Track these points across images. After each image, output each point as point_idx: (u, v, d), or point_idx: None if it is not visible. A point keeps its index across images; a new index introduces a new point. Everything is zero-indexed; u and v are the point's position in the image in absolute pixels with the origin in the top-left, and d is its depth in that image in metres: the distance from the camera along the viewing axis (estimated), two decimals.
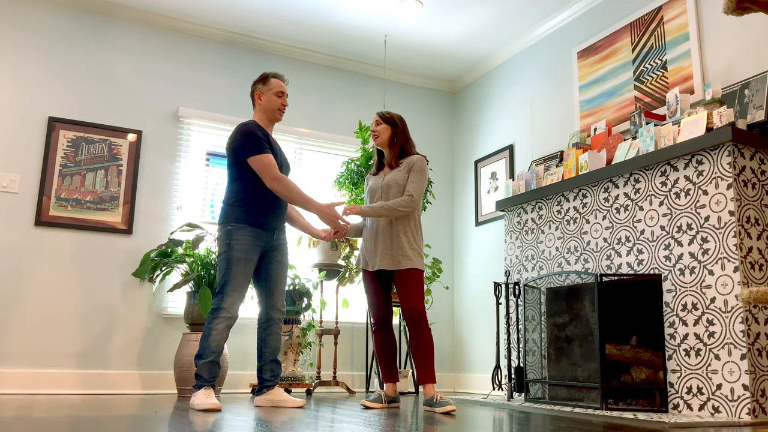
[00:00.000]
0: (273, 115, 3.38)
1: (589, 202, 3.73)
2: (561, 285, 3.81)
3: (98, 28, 4.64)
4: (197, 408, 2.95)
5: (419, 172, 3.34)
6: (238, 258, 3.13)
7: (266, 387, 3.27)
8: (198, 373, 3.07)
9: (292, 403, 3.22)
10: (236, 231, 3.15)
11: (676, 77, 3.74)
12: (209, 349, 3.07)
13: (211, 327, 3.08)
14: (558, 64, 4.72)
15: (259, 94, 3.37)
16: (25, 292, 4.14)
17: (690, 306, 3.07)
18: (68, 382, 4.14)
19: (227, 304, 3.09)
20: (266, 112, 3.37)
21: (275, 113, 3.38)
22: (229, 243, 3.14)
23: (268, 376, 3.28)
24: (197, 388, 3.06)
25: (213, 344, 3.07)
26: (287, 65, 5.24)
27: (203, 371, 3.06)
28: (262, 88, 3.38)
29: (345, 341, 5.02)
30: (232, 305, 3.11)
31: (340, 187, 4.63)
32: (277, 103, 3.37)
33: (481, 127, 5.50)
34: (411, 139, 3.52)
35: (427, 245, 4.14)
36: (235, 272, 3.11)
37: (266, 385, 3.28)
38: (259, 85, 3.39)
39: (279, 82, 3.38)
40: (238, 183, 3.25)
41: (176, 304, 4.53)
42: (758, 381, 2.79)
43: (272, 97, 3.36)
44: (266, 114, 3.38)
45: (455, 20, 4.81)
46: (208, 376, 3.07)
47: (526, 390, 3.75)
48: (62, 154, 4.37)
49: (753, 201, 2.99)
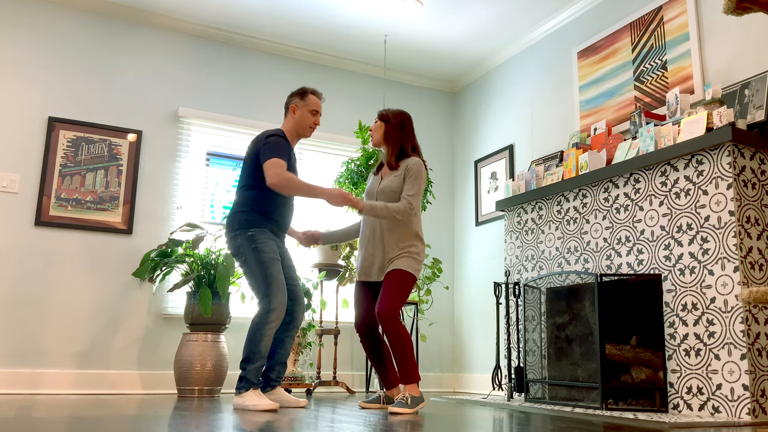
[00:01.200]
0: (303, 132, 3.41)
1: (589, 202, 3.73)
2: (561, 285, 3.81)
3: (98, 28, 4.64)
4: (254, 409, 2.97)
5: (415, 178, 3.18)
6: (271, 258, 3.14)
7: (270, 386, 3.28)
8: (245, 376, 3.06)
9: (295, 404, 3.23)
10: (259, 235, 3.17)
11: (676, 77, 3.74)
12: (259, 354, 3.08)
13: (263, 333, 3.07)
14: (558, 64, 4.72)
15: (294, 108, 3.38)
16: (25, 293, 4.14)
17: (690, 306, 3.07)
18: (68, 382, 4.14)
19: (277, 304, 3.10)
20: (297, 127, 3.40)
21: (306, 130, 3.41)
22: (256, 247, 3.14)
23: (274, 377, 3.29)
24: (245, 390, 3.05)
25: (264, 349, 3.09)
26: (287, 65, 5.24)
27: (251, 375, 3.07)
28: (299, 102, 3.39)
29: (345, 341, 5.02)
30: (281, 305, 3.11)
31: (340, 187, 4.63)
32: (310, 120, 3.40)
33: (481, 127, 5.50)
34: (414, 138, 3.34)
35: (427, 245, 4.14)
36: (273, 272, 3.13)
37: (271, 384, 3.28)
38: (296, 99, 3.40)
39: (316, 100, 3.41)
40: (257, 191, 3.25)
41: (176, 304, 4.53)
42: (758, 381, 2.79)
43: (306, 113, 3.38)
44: (297, 129, 3.40)
45: (455, 20, 4.81)
46: (255, 380, 3.09)
47: (526, 390, 3.74)
48: (62, 154, 4.37)
49: (753, 201, 2.99)
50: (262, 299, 3.11)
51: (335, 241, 3.51)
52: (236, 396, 3.08)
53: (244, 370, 3.08)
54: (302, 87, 3.43)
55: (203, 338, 3.99)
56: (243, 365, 3.08)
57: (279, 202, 3.29)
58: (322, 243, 3.50)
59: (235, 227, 3.22)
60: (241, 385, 3.07)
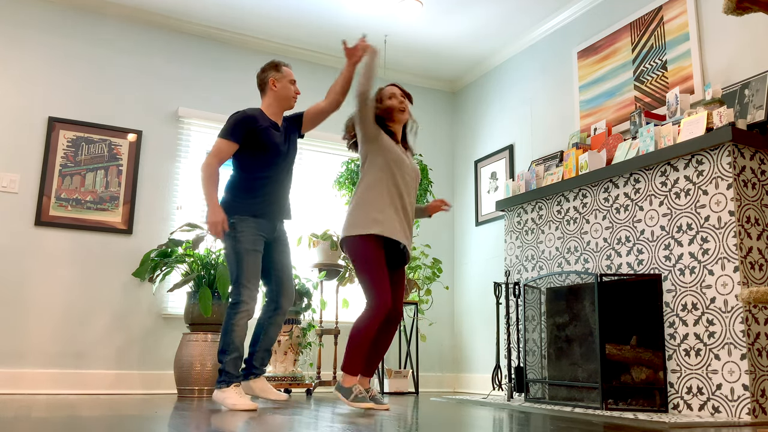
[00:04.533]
0: (288, 103, 3.36)
1: (589, 202, 3.73)
2: (561, 285, 3.81)
3: (99, 28, 4.64)
4: (234, 408, 2.94)
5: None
6: (246, 250, 3.11)
7: (254, 374, 3.24)
8: (225, 369, 3.04)
9: (275, 396, 3.20)
10: (240, 223, 3.14)
11: (676, 77, 3.74)
12: (233, 345, 3.06)
13: (233, 323, 3.05)
14: (558, 64, 4.72)
15: (274, 81, 3.33)
16: (25, 293, 4.14)
17: (690, 306, 3.07)
18: (68, 382, 4.14)
19: (246, 296, 3.08)
20: (281, 99, 3.34)
21: (291, 100, 3.37)
22: (235, 236, 3.12)
23: (258, 364, 3.25)
24: (225, 384, 3.03)
25: (237, 340, 3.06)
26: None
27: (230, 367, 3.04)
28: (276, 75, 3.33)
29: (345, 341, 5.01)
30: (250, 297, 3.09)
31: (340, 187, 4.63)
32: (292, 90, 3.36)
33: (481, 127, 5.50)
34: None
35: (427, 245, 4.15)
36: (247, 264, 3.10)
37: (254, 372, 3.24)
38: (272, 72, 3.34)
39: (290, 71, 3.38)
40: (235, 173, 3.25)
41: (176, 304, 4.53)
42: (758, 381, 2.79)
43: (287, 84, 3.34)
44: (281, 102, 3.34)
45: (455, 20, 4.81)
46: (235, 372, 3.06)
47: (526, 390, 3.74)
48: (62, 154, 4.37)
49: (753, 201, 2.99)
50: (232, 290, 3.10)
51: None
52: (217, 390, 3.05)
53: (221, 363, 3.06)
54: (271, 60, 3.38)
55: (203, 338, 3.99)
56: (219, 357, 3.07)
57: (263, 183, 3.22)
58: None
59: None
60: (221, 379, 3.04)
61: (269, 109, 3.34)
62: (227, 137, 3.17)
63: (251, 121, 3.21)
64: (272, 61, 3.37)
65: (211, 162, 3.16)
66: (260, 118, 3.25)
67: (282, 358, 4.20)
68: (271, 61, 3.37)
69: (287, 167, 3.34)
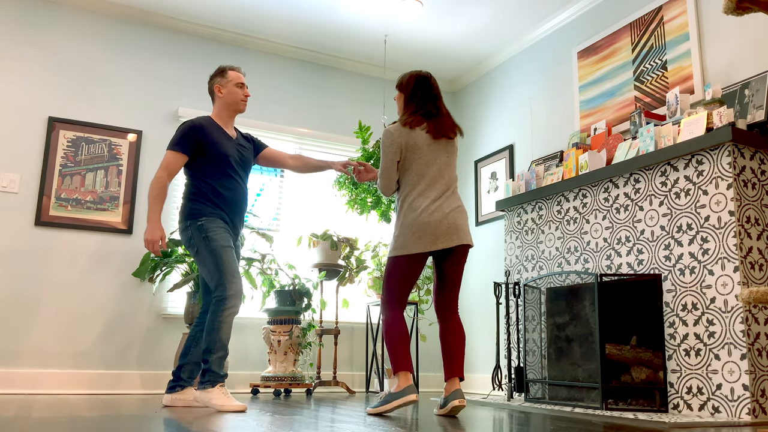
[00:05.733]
0: (237, 107, 3.35)
1: (589, 202, 3.73)
2: (561, 285, 3.81)
3: (98, 28, 4.64)
4: (222, 409, 2.90)
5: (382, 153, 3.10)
6: (222, 246, 3.07)
7: (180, 387, 3.17)
8: (210, 369, 2.99)
9: (203, 404, 3.07)
10: (208, 224, 3.10)
11: (676, 77, 3.74)
12: (220, 343, 3.01)
13: (220, 320, 3.01)
14: (558, 64, 4.72)
15: (219, 87, 3.32)
16: (25, 293, 4.14)
17: (690, 306, 3.07)
18: (68, 382, 4.14)
19: (231, 291, 3.04)
20: (229, 105, 3.33)
21: (239, 104, 3.35)
22: (206, 236, 3.07)
23: (185, 377, 3.18)
24: (210, 384, 2.99)
25: (224, 337, 3.02)
26: (287, 65, 5.24)
27: (216, 366, 3.00)
28: (221, 81, 3.33)
29: (345, 341, 5.02)
30: (237, 291, 3.06)
31: (340, 188, 4.63)
32: (240, 94, 3.34)
33: (481, 127, 5.50)
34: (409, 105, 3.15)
35: None
36: (225, 260, 3.06)
37: (180, 384, 3.17)
38: (217, 79, 3.34)
39: (237, 74, 3.35)
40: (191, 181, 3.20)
41: (176, 304, 4.53)
42: (758, 381, 2.79)
43: (233, 88, 3.32)
44: (229, 107, 3.34)
45: (455, 20, 4.81)
46: (221, 372, 3.02)
47: (526, 390, 3.74)
48: (62, 154, 4.37)
49: (753, 201, 2.99)
50: (216, 288, 3.05)
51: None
52: (201, 391, 3.00)
53: (206, 362, 3.00)
54: (218, 66, 3.37)
55: None
56: (204, 356, 3.01)
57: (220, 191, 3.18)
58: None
59: (185, 218, 3.15)
60: (206, 380, 2.99)
61: (219, 116, 3.33)
62: (175, 149, 3.15)
63: (198, 130, 3.19)
64: (219, 67, 3.37)
65: (160, 176, 3.12)
66: (209, 127, 3.23)
67: (282, 358, 4.20)
68: (218, 68, 3.37)
69: (240, 175, 3.30)
